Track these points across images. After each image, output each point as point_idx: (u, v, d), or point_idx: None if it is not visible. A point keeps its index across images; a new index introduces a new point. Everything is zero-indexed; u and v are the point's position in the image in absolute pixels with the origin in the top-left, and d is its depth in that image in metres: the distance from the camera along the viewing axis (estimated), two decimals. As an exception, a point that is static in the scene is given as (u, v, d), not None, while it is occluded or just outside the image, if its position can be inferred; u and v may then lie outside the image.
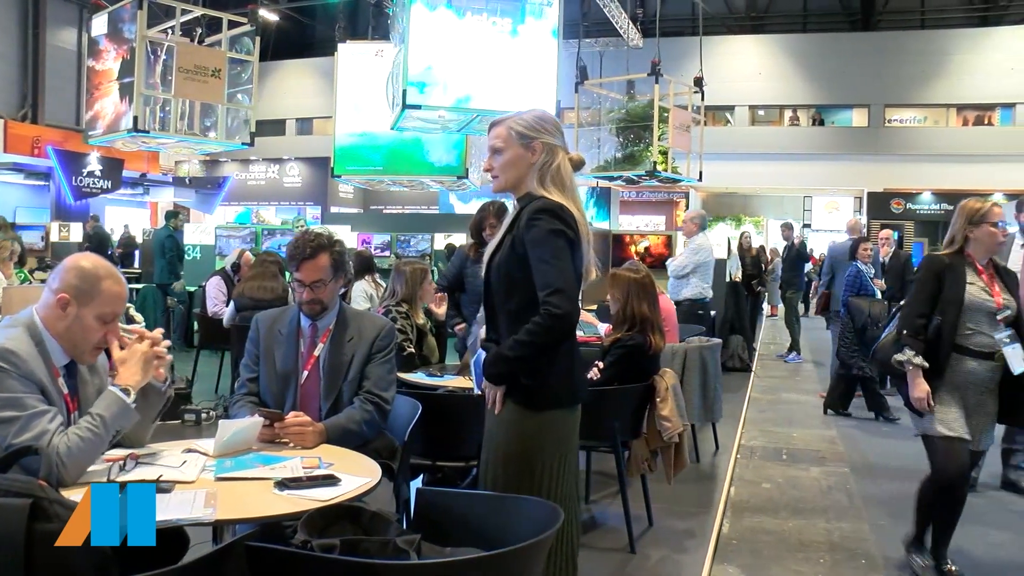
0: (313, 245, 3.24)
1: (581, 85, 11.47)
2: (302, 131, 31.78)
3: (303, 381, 3.25)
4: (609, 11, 20.34)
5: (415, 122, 9.24)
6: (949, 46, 26.84)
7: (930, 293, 3.96)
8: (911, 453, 6.54)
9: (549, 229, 2.56)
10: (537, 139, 2.67)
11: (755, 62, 28.02)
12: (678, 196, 27.81)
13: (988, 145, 25.96)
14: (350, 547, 1.95)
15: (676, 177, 11.31)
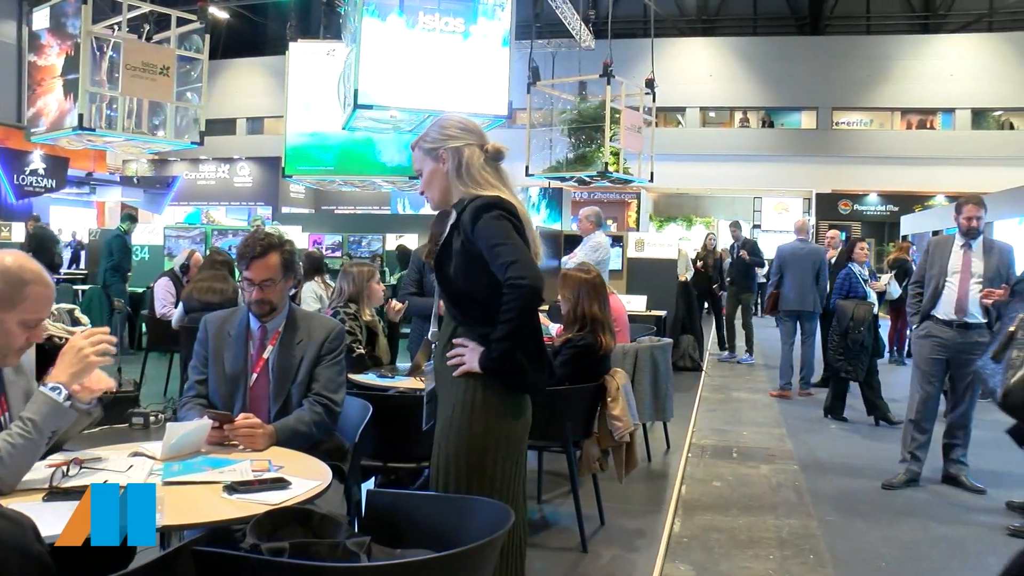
0: (264, 244, 3.22)
1: (533, 86, 11.51)
2: (253, 130, 31.49)
3: (252, 383, 3.22)
4: (561, 12, 20.42)
5: (367, 122, 9.21)
6: (893, 51, 27.42)
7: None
8: (858, 451, 6.71)
9: (494, 217, 2.59)
10: (440, 147, 2.71)
11: (706, 64, 28.34)
12: (630, 197, 28.00)
13: (930, 148, 26.56)
14: (300, 550, 1.94)
15: (628, 178, 11.38)
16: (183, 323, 6.73)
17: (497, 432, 2.65)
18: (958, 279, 5.44)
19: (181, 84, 10.13)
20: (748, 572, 4.15)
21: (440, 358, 2.77)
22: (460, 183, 2.70)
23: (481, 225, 2.58)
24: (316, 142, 11.21)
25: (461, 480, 2.63)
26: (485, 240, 2.58)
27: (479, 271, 2.61)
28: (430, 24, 8.48)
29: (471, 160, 2.70)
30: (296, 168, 11.45)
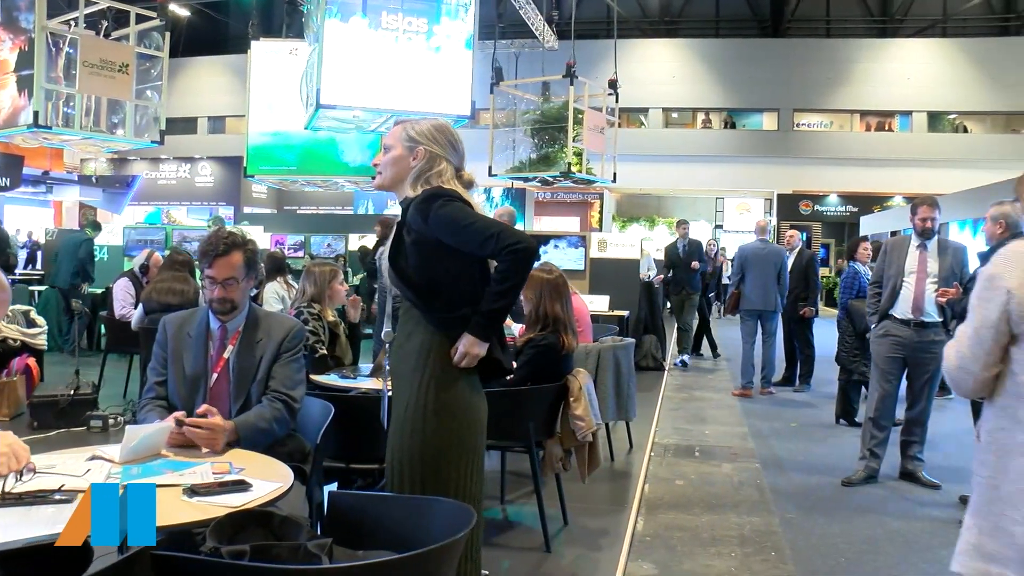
0: (227, 242, 3.21)
1: (496, 86, 11.52)
2: (214, 130, 31.20)
3: (213, 384, 3.21)
4: (525, 13, 20.47)
5: (329, 122, 9.18)
6: (853, 55, 27.82)
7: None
8: (818, 449, 6.78)
9: (443, 204, 2.61)
10: (422, 146, 2.73)
11: (669, 65, 28.52)
12: (592, 197, 28.11)
13: (888, 150, 26.98)
14: (260, 553, 1.92)
15: (591, 178, 11.42)
16: (143, 324, 6.65)
17: (450, 432, 2.65)
18: (914, 279, 5.52)
19: (141, 82, 10.00)
20: (711, 570, 4.18)
21: (395, 357, 2.77)
22: (415, 183, 2.73)
23: (435, 216, 2.60)
24: (278, 142, 11.15)
25: (416, 480, 2.64)
26: (449, 226, 2.60)
27: (439, 260, 2.64)
28: (393, 24, 8.46)
29: (440, 173, 2.72)
30: (258, 168, 11.37)
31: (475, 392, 2.75)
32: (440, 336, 2.66)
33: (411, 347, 2.71)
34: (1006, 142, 25.99)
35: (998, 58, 26.90)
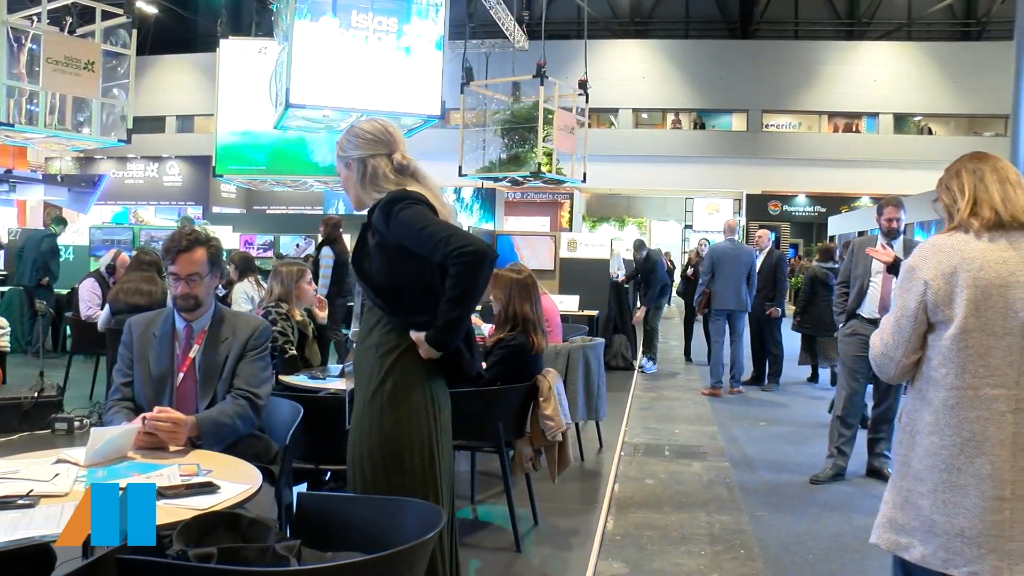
0: (190, 238, 3.23)
1: (467, 86, 11.50)
2: (183, 129, 30.93)
3: (179, 383, 3.20)
4: (495, 13, 20.46)
5: (299, 121, 9.13)
6: (821, 56, 28.11)
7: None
8: (787, 447, 6.83)
9: (403, 207, 2.60)
10: (348, 157, 2.76)
11: (639, 66, 28.64)
12: (562, 197, 28.19)
13: (856, 151, 27.29)
14: (228, 555, 1.91)
15: (560, 178, 11.43)
16: (109, 325, 6.58)
17: (409, 427, 2.64)
18: (881, 279, 5.58)
19: (107, 80, 9.87)
20: (680, 568, 4.20)
21: (358, 355, 2.77)
22: (366, 191, 2.74)
23: (396, 219, 2.60)
24: (248, 141, 11.08)
25: (379, 477, 2.63)
26: (407, 229, 2.59)
27: (401, 263, 2.63)
28: (363, 24, 8.43)
29: (375, 170, 2.72)
30: (227, 167, 11.29)
31: (438, 388, 2.73)
32: (399, 332, 2.66)
33: (371, 343, 2.70)
34: (968, 144, 26.27)
35: (960, 62, 27.33)
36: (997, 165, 2.42)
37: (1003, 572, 2.21)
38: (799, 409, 8.51)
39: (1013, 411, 2.25)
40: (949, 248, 2.35)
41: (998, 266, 2.28)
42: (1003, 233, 2.33)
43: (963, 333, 2.30)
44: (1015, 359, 2.26)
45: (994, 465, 2.24)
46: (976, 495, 2.25)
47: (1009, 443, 2.24)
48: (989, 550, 2.22)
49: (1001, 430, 2.25)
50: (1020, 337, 2.26)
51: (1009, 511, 2.22)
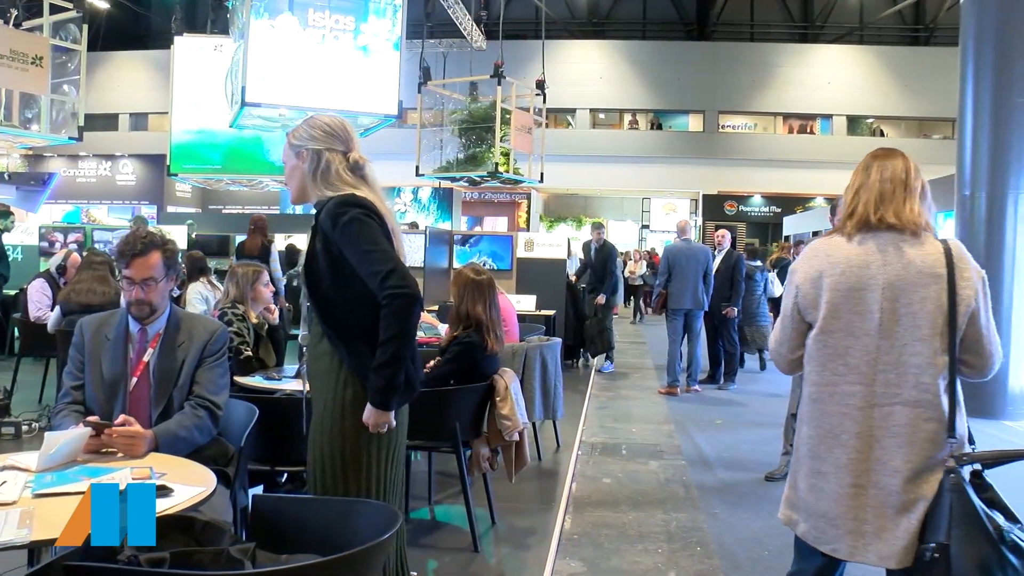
0: (145, 242, 3.15)
1: (424, 86, 11.47)
2: (136, 127, 30.49)
3: (132, 388, 3.13)
4: (453, 13, 20.44)
5: (255, 120, 9.04)
6: (775, 58, 28.44)
7: None
8: (742, 445, 6.90)
9: (354, 218, 2.58)
10: (303, 147, 2.72)
11: (596, 67, 28.76)
12: (520, 197, 28.22)
13: (810, 152, 27.65)
14: (181, 559, 1.88)
15: (518, 178, 11.45)
16: (60, 326, 6.46)
17: (370, 434, 2.64)
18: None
19: (57, 76, 9.67)
20: (638, 566, 4.23)
21: (310, 358, 2.75)
22: (315, 185, 2.71)
23: (342, 226, 2.58)
24: (203, 140, 10.97)
25: (338, 479, 2.63)
26: (351, 243, 2.57)
27: (343, 276, 2.61)
28: (320, 22, 8.37)
29: (328, 164, 2.70)
30: (182, 166, 11.17)
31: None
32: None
33: (324, 348, 2.69)
34: (918, 146, 26.81)
35: (910, 66, 27.84)
36: (885, 164, 2.50)
37: (857, 552, 2.39)
38: (755, 407, 8.59)
39: (869, 407, 2.40)
40: (820, 252, 2.51)
41: (859, 269, 2.41)
42: (872, 235, 2.45)
43: (823, 333, 2.47)
44: (871, 358, 2.39)
45: (849, 456, 2.41)
46: (835, 482, 2.44)
47: (865, 436, 2.40)
48: (846, 531, 2.41)
49: (857, 424, 2.41)
50: (876, 337, 2.39)
51: (864, 497, 2.39)
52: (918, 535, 2.30)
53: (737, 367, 9.87)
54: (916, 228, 2.41)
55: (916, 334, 2.35)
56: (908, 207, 2.43)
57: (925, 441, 2.33)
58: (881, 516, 2.36)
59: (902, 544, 2.32)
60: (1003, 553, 2.16)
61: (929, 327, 2.34)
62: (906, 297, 2.36)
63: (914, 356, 2.35)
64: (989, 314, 2.37)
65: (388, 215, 2.70)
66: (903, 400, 2.35)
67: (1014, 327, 8.06)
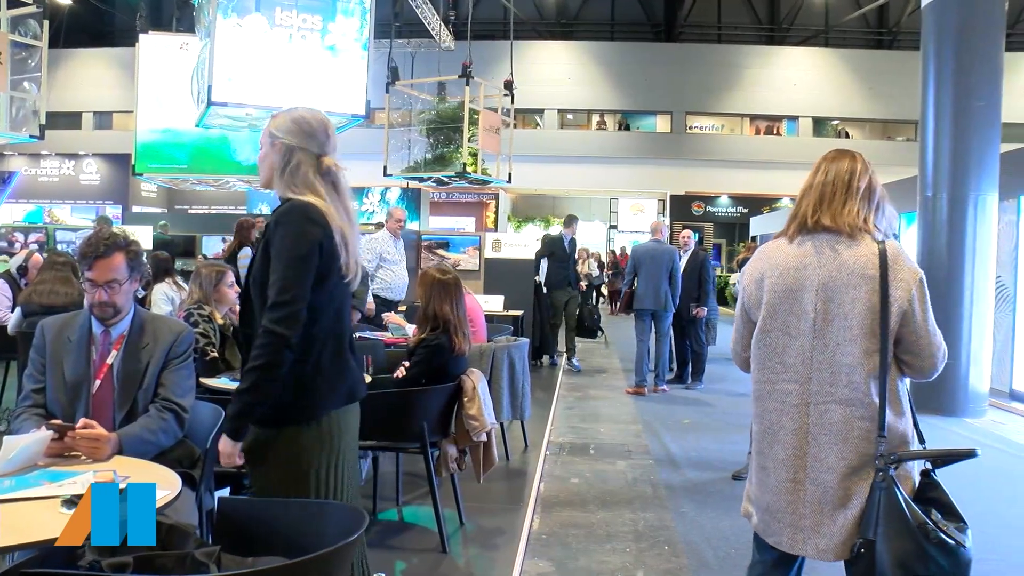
0: (108, 243, 3.09)
1: (392, 86, 11.41)
2: (100, 125, 30.12)
3: (95, 390, 3.08)
4: (421, 12, 20.41)
5: (221, 119, 8.96)
6: (742, 60, 28.68)
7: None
8: (709, 444, 6.95)
9: (290, 233, 2.52)
10: (280, 139, 2.66)
11: (564, 67, 28.83)
12: (488, 197, 28.20)
13: (777, 153, 27.90)
14: (145, 564, 1.86)
15: (486, 179, 11.42)
16: (21, 328, 6.37)
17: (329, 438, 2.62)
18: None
19: (17, 72, 9.50)
20: (606, 566, 4.25)
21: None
22: (280, 180, 2.66)
23: (278, 235, 2.53)
24: (169, 139, 10.84)
25: (279, 488, 2.59)
26: (275, 254, 2.52)
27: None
28: (287, 21, 8.31)
29: (299, 164, 2.64)
30: (147, 166, 11.03)
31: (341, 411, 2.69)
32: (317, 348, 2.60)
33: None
34: (882, 148, 27.17)
35: (874, 69, 28.20)
36: (831, 166, 2.56)
37: (797, 545, 2.47)
38: (722, 407, 8.66)
39: (804, 404, 2.47)
40: (765, 254, 2.59)
41: (796, 271, 2.48)
42: (811, 237, 2.51)
43: (762, 333, 2.56)
44: (806, 357, 2.46)
45: (787, 452, 2.49)
46: (775, 477, 2.53)
47: (801, 433, 2.47)
48: (787, 524, 2.50)
49: (794, 420, 2.48)
50: (810, 337, 2.45)
51: (802, 492, 2.46)
52: (855, 530, 2.36)
53: (704, 367, 9.93)
54: (852, 230, 2.46)
55: (847, 334, 2.40)
56: (846, 209, 2.48)
57: (859, 439, 2.39)
58: (818, 511, 2.43)
59: (839, 539, 2.39)
60: (926, 550, 2.22)
61: (859, 327, 2.39)
62: (838, 298, 2.42)
63: (846, 356, 2.40)
64: (927, 315, 2.41)
65: (345, 227, 2.62)
66: (837, 399, 2.41)
67: (974, 326, 8.19)
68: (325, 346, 2.61)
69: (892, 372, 2.42)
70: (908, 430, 2.43)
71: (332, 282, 2.61)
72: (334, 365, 2.64)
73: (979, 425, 7.84)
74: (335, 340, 2.64)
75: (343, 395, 2.67)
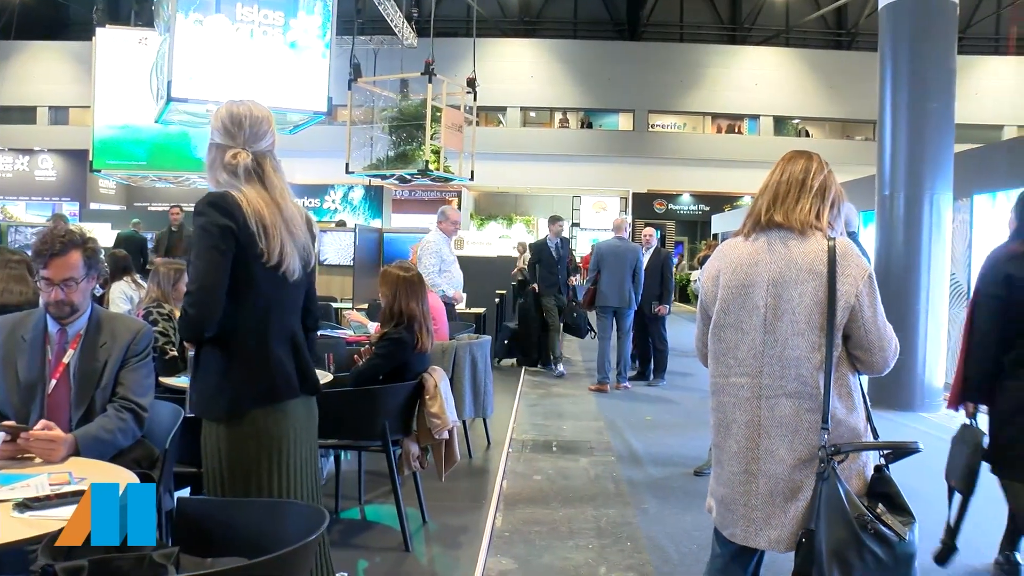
0: (63, 241, 3.02)
1: (354, 83, 11.34)
2: (56, 120, 29.58)
3: (51, 390, 3.02)
4: (384, 9, 20.30)
5: (181, 115, 8.86)
6: (704, 59, 28.90)
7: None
8: (671, 441, 7.00)
9: (200, 224, 2.55)
10: (211, 139, 2.71)
11: (527, 65, 28.85)
12: (450, 195, 28.15)
13: (738, 152, 28.16)
14: (100, 567, 1.84)
15: (448, 176, 11.40)
16: (-27, 327, 6.25)
17: (258, 436, 2.61)
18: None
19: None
20: (568, 562, 4.26)
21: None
22: (209, 176, 2.71)
23: (194, 224, 2.58)
24: (127, 135, 10.71)
25: (224, 485, 2.59)
26: (192, 248, 2.57)
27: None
28: (249, 16, 8.24)
29: (217, 159, 2.66)
30: (105, 162, 10.89)
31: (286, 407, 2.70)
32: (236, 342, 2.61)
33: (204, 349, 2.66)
34: (841, 147, 27.54)
35: (834, 69, 28.56)
36: (787, 166, 2.63)
37: (750, 536, 2.52)
38: (684, 403, 8.73)
39: (756, 398, 2.51)
40: (722, 252, 2.65)
41: (748, 268, 2.54)
42: (764, 234, 2.57)
43: (717, 328, 2.61)
44: (758, 352, 2.51)
45: (740, 444, 2.54)
46: (729, 469, 2.59)
47: (753, 425, 2.52)
48: (740, 516, 2.55)
49: (746, 414, 2.53)
50: (761, 332, 2.50)
51: (754, 485, 2.51)
52: (805, 521, 2.41)
53: (667, 364, 10.00)
54: (804, 227, 2.50)
55: (795, 328, 2.45)
56: (799, 207, 2.53)
57: (808, 431, 2.43)
58: (770, 503, 2.48)
59: (790, 530, 2.44)
60: (862, 540, 2.27)
61: (806, 322, 2.43)
62: (787, 293, 2.46)
63: (795, 349, 2.44)
64: (876, 311, 2.45)
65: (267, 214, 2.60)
66: (787, 392, 2.46)
67: (930, 323, 8.33)
68: (245, 340, 2.60)
69: (844, 367, 2.47)
70: (860, 424, 2.47)
71: (254, 271, 2.59)
72: (254, 360, 2.62)
73: (934, 419, 7.97)
74: (257, 335, 2.63)
75: (262, 393, 2.64)
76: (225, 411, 2.59)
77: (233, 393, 2.59)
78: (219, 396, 2.59)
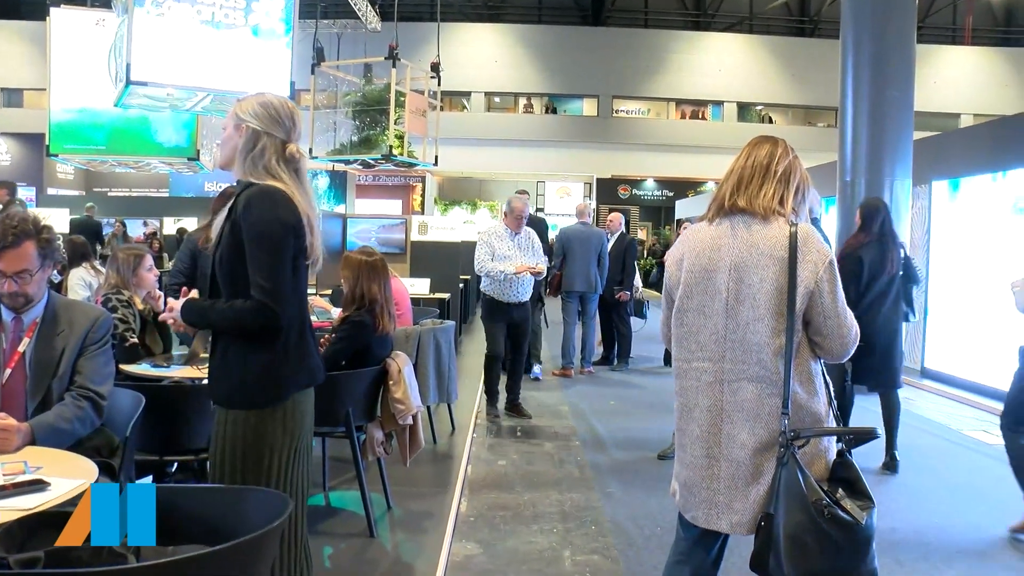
0: (16, 232, 2.93)
1: (317, 67, 11.23)
2: (10, 103, 29.04)
3: (6, 380, 2.97)
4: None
5: (141, 99, 8.71)
6: (669, 45, 29.00)
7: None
8: (636, 425, 7.05)
9: (268, 218, 2.52)
10: (245, 123, 2.63)
11: (492, 50, 28.79)
12: (414, 180, 28.07)
13: (702, 137, 28.34)
14: (57, 558, 1.82)
15: (412, 161, 11.34)
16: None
17: (274, 420, 2.60)
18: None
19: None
20: (533, 546, 4.29)
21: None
22: (242, 163, 2.63)
23: (252, 223, 2.52)
24: (85, 119, 10.49)
25: (236, 471, 2.57)
26: (253, 242, 2.52)
27: (240, 263, 2.55)
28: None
29: (264, 150, 2.62)
30: (63, 147, 10.66)
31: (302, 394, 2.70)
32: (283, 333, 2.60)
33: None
34: (804, 133, 27.79)
35: (796, 56, 28.81)
36: (752, 151, 2.64)
37: (712, 520, 2.54)
38: (647, 388, 8.78)
39: (719, 383, 2.53)
40: (686, 237, 2.66)
41: (711, 252, 2.55)
42: (728, 219, 2.58)
43: (680, 312, 2.63)
44: (720, 336, 2.52)
45: (702, 428, 2.55)
46: (691, 453, 2.60)
47: (715, 410, 2.53)
48: (702, 500, 2.56)
49: (708, 398, 2.54)
50: (724, 316, 2.52)
51: (716, 469, 2.53)
52: (766, 505, 2.44)
53: (630, 348, 10.05)
54: (766, 212, 2.51)
55: (756, 313, 2.46)
56: (762, 192, 2.55)
57: (770, 416, 2.45)
58: (731, 487, 2.50)
59: (751, 514, 2.46)
60: (818, 524, 2.29)
61: (767, 307, 2.44)
62: (748, 278, 2.47)
63: (755, 334, 2.46)
64: (837, 297, 2.47)
65: (310, 212, 2.65)
66: (748, 376, 2.47)
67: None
68: (291, 330, 2.62)
69: (805, 352, 2.48)
70: (821, 409, 2.49)
71: (299, 265, 2.64)
72: (298, 349, 2.66)
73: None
74: (299, 324, 2.67)
75: (304, 379, 2.69)
76: (271, 399, 2.60)
77: (283, 382, 2.61)
78: (269, 385, 2.59)
